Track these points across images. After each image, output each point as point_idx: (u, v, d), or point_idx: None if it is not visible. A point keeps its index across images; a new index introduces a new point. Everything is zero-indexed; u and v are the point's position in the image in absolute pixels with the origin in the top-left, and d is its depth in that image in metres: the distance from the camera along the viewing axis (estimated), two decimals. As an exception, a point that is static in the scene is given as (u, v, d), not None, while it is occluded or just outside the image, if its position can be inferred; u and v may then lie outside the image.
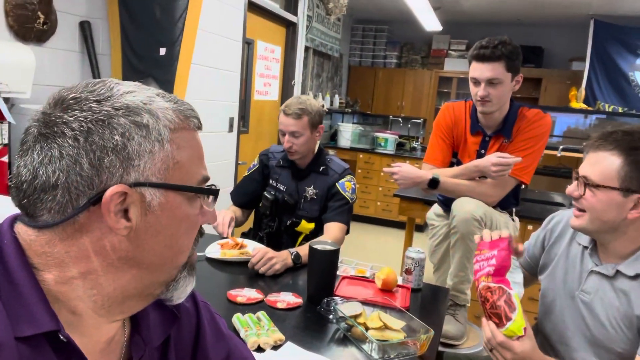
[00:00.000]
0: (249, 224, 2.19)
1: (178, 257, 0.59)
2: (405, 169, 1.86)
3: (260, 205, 2.03)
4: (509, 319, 1.02)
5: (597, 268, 1.18)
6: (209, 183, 0.61)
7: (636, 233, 1.12)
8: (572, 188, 1.17)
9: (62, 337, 0.50)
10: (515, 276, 1.11)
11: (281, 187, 1.99)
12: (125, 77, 2.37)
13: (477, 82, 1.82)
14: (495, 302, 1.05)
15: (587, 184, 1.11)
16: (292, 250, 1.65)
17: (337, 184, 1.93)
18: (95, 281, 0.54)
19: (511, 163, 1.74)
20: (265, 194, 1.99)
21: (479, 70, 1.79)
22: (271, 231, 1.99)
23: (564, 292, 1.26)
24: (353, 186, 1.95)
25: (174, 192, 0.56)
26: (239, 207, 2.07)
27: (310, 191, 1.94)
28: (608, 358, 1.15)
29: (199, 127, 0.61)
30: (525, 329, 1.02)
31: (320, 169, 1.95)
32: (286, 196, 1.95)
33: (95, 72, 2.33)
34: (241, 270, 1.58)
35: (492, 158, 1.77)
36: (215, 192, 0.61)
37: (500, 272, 1.09)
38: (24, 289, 0.50)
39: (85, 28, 2.25)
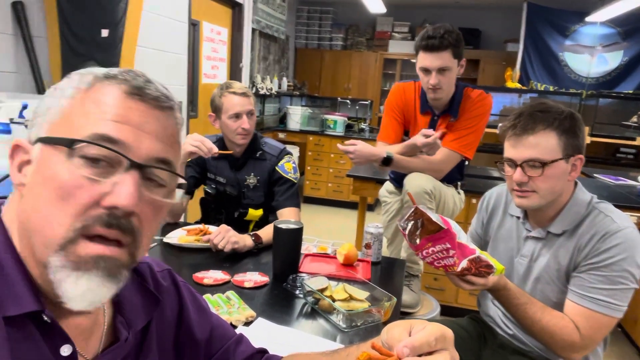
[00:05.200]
0: (194, 217, 2.15)
1: (45, 229, 0.49)
2: (360, 147, 1.91)
3: (205, 198, 1.98)
4: (490, 272, 1.17)
5: (531, 233, 1.32)
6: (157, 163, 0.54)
7: (565, 194, 1.26)
8: (520, 176, 1.21)
9: (45, 318, 0.51)
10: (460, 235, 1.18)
11: (221, 179, 1.93)
12: (65, 61, 2.25)
13: (427, 71, 1.90)
14: (477, 270, 1.16)
15: (544, 164, 1.18)
16: (251, 233, 1.66)
17: (276, 167, 1.88)
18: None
19: (434, 140, 1.84)
20: (207, 189, 1.94)
21: (429, 60, 1.87)
22: (220, 223, 1.94)
23: (506, 259, 1.39)
24: (293, 165, 1.93)
25: (46, 146, 0.51)
26: None
27: (251, 179, 1.90)
28: None
29: (158, 104, 0.55)
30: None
31: (257, 155, 1.91)
32: (228, 188, 1.91)
33: (32, 55, 2.19)
34: (203, 254, 1.58)
35: (419, 139, 1.87)
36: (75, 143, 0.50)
37: (464, 252, 1.14)
38: (8, 270, 0.51)
39: (18, 9, 2.10)
